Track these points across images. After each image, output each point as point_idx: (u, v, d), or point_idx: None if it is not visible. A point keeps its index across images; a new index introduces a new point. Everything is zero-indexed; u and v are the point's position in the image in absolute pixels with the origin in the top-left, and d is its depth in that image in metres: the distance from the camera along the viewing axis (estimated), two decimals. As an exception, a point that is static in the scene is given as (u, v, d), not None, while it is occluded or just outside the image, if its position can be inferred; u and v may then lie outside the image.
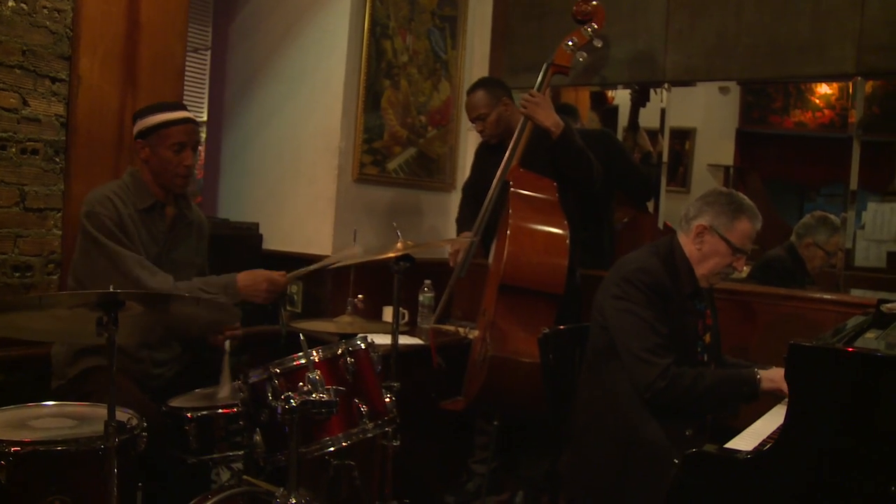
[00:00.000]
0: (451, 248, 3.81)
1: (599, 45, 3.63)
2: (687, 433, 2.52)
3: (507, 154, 3.55)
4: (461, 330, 3.59)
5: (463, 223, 3.96)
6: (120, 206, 2.73)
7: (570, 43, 3.57)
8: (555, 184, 3.48)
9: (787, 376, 1.93)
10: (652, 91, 4.36)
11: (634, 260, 2.68)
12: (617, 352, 2.59)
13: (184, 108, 2.92)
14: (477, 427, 3.89)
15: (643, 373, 2.49)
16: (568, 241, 3.31)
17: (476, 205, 3.83)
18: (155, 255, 2.82)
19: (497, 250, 3.43)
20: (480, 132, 3.79)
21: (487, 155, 3.85)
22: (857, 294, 3.66)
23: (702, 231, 2.65)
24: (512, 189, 3.41)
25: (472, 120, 3.79)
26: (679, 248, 2.70)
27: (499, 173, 3.53)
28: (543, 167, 3.52)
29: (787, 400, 2.43)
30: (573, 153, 3.48)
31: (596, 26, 3.57)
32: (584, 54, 3.66)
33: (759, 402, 2.55)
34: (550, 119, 3.45)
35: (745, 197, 2.69)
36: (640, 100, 4.40)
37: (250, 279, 2.87)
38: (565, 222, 3.35)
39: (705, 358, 2.75)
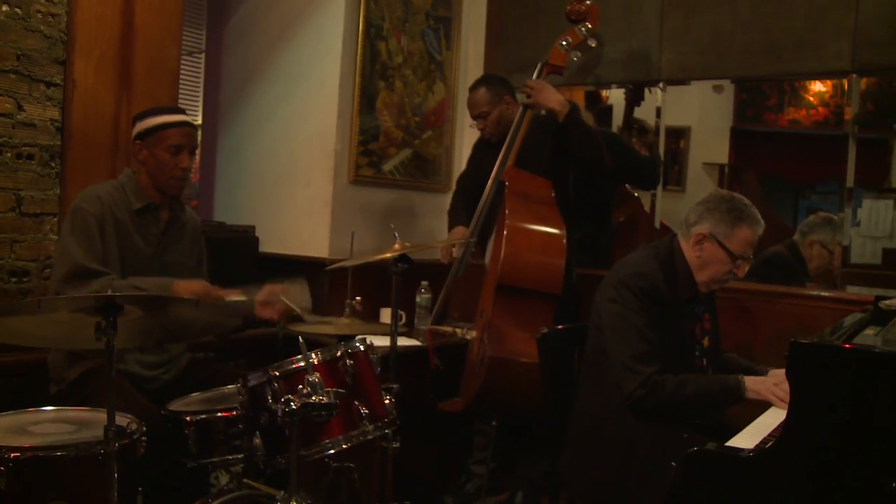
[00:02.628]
0: (448, 246, 3.79)
1: (594, 45, 3.63)
2: (685, 435, 2.51)
3: (501, 154, 3.54)
4: (459, 331, 3.58)
5: (454, 215, 3.93)
6: (110, 206, 2.72)
7: (564, 43, 3.58)
8: (550, 183, 3.48)
9: (788, 374, 1.93)
10: (647, 90, 4.36)
11: (633, 263, 2.66)
12: (613, 353, 2.59)
13: (183, 112, 2.93)
14: (475, 428, 3.88)
15: (626, 380, 2.49)
16: (564, 241, 3.31)
17: (471, 198, 3.81)
18: (148, 258, 2.81)
19: (494, 250, 3.42)
20: (481, 130, 3.77)
21: (486, 150, 3.84)
22: (854, 291, 3.66)
23: (701, 239, 2.62)
24: (507, 189, 3.41)
25: (474, 118, 3.76)
26: (679, 251, 2.68)
27: (494, 173, 3.53)
28: (541, 166, 3.52)
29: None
30: (582, 131, 3.47)
31: (590, 26, 3.57)
32: (579, 54, 3.67)
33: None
34: (555, 99, 3.45)
35: (747, 201, 2.64)
36: (634, 99, 4.40)
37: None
38: (562, 221, 3.34)
39: (704, 363, 2.74)
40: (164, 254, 2.88)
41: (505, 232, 3.27)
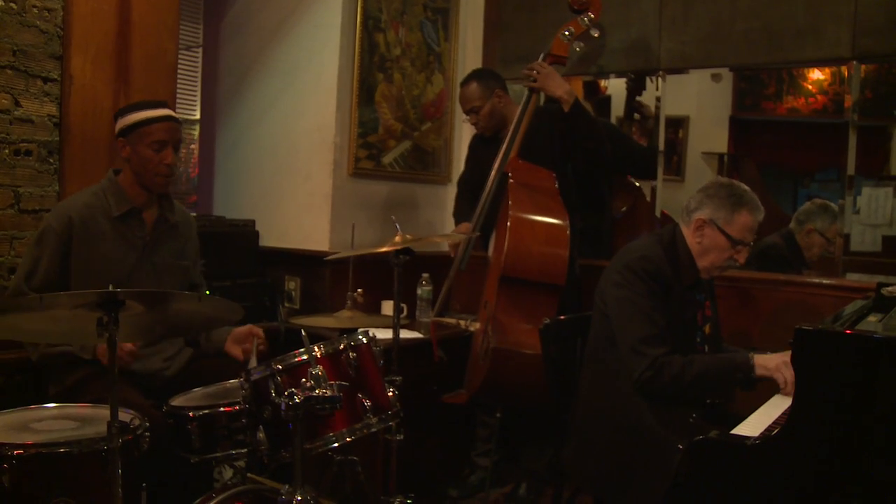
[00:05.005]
0: (451, 241, 3.80)
1: (596, 35, 3.62)
2: (691, 419, 2.51)
3: (504, 145, 3.53)
4: (462, 323, 3.58)
5: (460, 216, 3.94)
6: (82, 219, 2.70)
7: (566, 33, 3.56)
8: (553, 174, 3.47)
9: (793, 361, 1.93)
10: (647, 79, 4.35)
11: (638, 248, 2.67)
12: (618, 339, 2.59)
13: (166, 105, 2.86)
14: (478, 420, 3.88)
15: (634, 363, 2.49)
16: (568, 232, 3.30)
17: (472, 198, 3.82)
18: (134, 262, 2.78)
19: (497, 242, 3.42)
20: (474, 125, 3.78)
21: (482, 147, 3.84)
22: (855, 278, 3.65)
23: (701, 225, 2.63)
24: (511, 180, 3.40)
25: (466, 112, 3.77)
26: (682, 238, 2.68)
27: (496, 165, 3.52)
28: (543, 157, 3.51)
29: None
30: (586, 121, 3.47)
31: (592, 16, 3.56)
32: (581, 44, 3.65)
33: (763, 387, 2.55)
34: (562, 88, 3.45)
35: (747, 188, 2.65)
36: (635, 88, 4.39)
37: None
38: (565, 212, 3.34)
39: (705, 349, 2.75)
40: (152, 255, 2.85)
41: (508, 223, 3.26)
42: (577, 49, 3.66)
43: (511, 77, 4.11)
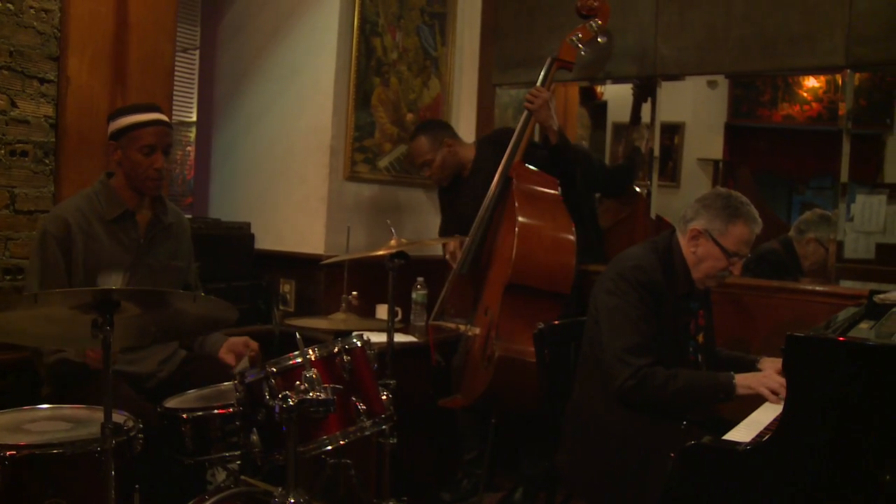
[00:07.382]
0: (449, 248, 3.80)
1: (602, 41, 3.63)
2: (682, 425, 2.52)
3: (508, 150, 3.53)
4: (461, 327, 3.57)
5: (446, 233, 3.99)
6: (78, 223, 2.69)
7: (574, 38, 3.57)
8: (557, 180, 3.48)
9: (785, 367, 1.94)
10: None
11: (633, 256, 2.68)
12: (611, 346, 2.59)
13: (157, 109, 2.84)
14: (465, 424, 3.88)
15: (617, 372, 2.50)
16: (574, 239, 3.30)
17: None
18: (129, 264, 2.78)
19: (500, 247, 3.40)
20: (428, 177, 3.85)
21: (448, 192, 3.90)
22: (848, 285, 3.67)
23: (696, 235, 2.63)
24: (515, 185, 3.39)
25: (418, 166, 3.86)
26: (678, 247, 2.69)
27: (500, 168, 3.51)
28: (543, 163, 3.54)
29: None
30: (569, 157, 3.52)
31: (600, 22, 3.57)
32: (588, 49, 3.66)
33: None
34: (555, 121, 3.48)
35: (745, 199, 2.65)
36: (642, 95, 4.40)
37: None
38: (570, 219, 3.34)
39: (698, 358, 2.75)
40: (147, 257, 2.84)
41: (517, 229, 3.24)
42: (583, 54, 3.67)
43: (508, 82, 4.12)
